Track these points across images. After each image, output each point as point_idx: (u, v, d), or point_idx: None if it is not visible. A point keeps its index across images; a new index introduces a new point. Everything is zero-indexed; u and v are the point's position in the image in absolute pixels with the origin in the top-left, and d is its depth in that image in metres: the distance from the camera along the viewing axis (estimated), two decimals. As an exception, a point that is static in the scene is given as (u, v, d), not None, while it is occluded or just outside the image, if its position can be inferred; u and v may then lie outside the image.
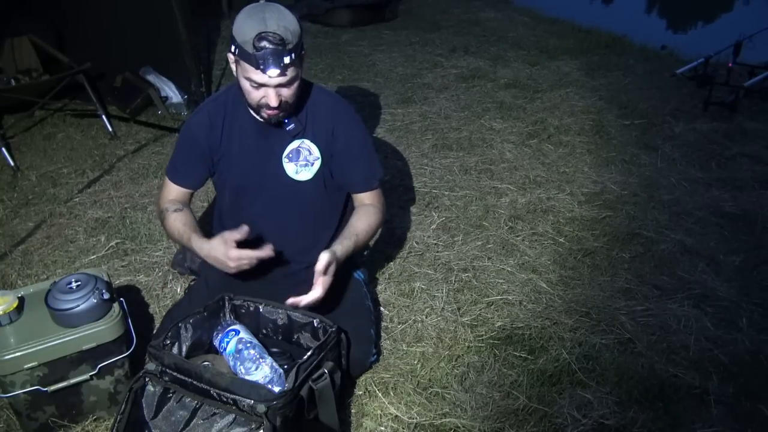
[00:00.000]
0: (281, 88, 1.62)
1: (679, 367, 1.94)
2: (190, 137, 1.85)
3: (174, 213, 1.82)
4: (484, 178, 3.12)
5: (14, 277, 2.38)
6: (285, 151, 1.81)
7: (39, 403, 1.64)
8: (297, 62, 1.61)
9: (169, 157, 3.23)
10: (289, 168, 1.82)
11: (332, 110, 1.83)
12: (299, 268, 1.92)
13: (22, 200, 2.93)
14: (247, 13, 1.60)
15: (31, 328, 1.63)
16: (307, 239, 1.92)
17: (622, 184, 3.03)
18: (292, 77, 1.61)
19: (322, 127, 1.81)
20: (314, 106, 1.82)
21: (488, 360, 1.98)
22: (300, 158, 1.82)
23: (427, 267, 2.44)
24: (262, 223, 1.86)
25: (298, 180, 1.83)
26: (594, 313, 2.17)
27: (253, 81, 1.60)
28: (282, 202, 1.86)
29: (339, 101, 1.89)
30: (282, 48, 1.55)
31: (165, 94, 3.87)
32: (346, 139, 1.83)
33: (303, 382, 1.46)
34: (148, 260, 2.48)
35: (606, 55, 4.98)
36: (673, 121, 3.68)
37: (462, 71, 4.66)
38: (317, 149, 1.82)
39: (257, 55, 1.55)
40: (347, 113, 1.87)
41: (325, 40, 5.51)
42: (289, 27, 1.57)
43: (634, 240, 2.59)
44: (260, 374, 1.53)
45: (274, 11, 1.58)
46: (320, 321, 1.67)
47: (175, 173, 1.89)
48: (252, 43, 1.55)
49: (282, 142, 1.80)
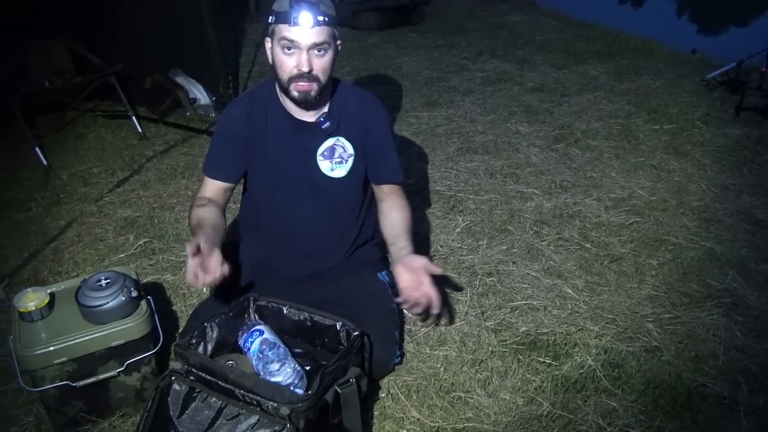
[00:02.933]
0: (313, 56, 1.64)
1: (707, 377, 1.90)
2: (227, 129, 1.85)
3: (197, 207, 1.80)
4: (509, 182, 3.10)
5: (45, 273, 2.43)
6: (320, 148, 1.82)
7: (68, 398, 1.67)
8: (330, 32, 1.65)
9: (196, 157, 3.33)
10: (324, 165, 1.84)
11: (363, 106, 1.86)
12: (326, 268, 1.94)
13: (54, 199, 2.99)
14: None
15: (62, 324, 1.66)
16: (337, 237, 1.94)
17: (650, 190, 2.99)
18: (324, 40, 1.63)
19: (355, 124, 1.83)
20: (345, 102, 1.83)
21: (512, 365, 1.97)
22: (335, 155, 1.83)
23: (451, 270, 2.44)
24: (294, 219, 1.88)
25: (333, 177, 1.85)
26: (620, 320, 2.14)
27: (287, 39, 1.62)
28: (316, 199, 1.88)
29: (367, 96, 1.92)
30: (317, 7, 1.60)
31: (193, 95, 3.92)
32: (378, 134, 1.86)
33: (328, 387, 1.47)
34: (175, 259, 2.52)
35: (635, 59, 4.92)
36: (704, 127, 3.62)
37: (488, 74, 4.65)
38: (351, 146, 1.84)
39: (292, 10, 1.59)
40: (377, 108, 1.90)
41: (351, 43, 5.53)
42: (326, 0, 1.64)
43: (663, 246, 2.55)
44: (283, 375, 1.54)
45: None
46: (343, 324, 1.68)
47: (211, 167, 1.86)
48: (289, 2, 1.59)
49: (316, 139, 1.82)
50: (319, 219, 1.91)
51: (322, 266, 1.94)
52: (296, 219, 1.90)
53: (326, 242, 1.94)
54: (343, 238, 1.96)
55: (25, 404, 1.83)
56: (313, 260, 1.95)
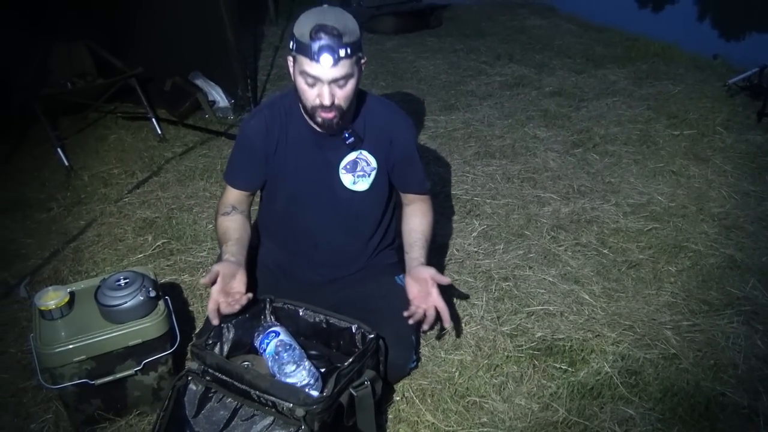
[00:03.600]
0: (335, 88, 1.60)
1: (726, 386, 1.87)
2: (246, 141, 1.85)
3: (222, 216, 1.85)
4: (526, 187, 3.08)
5: (66, 273, 2.46)
6: (342, 162, 1.80)
7: (86, 396, 1.69)
8: (353, 61, 1.60)
9: (215, 159, 3.36)
10: (346, 179, 1.82)
11: (389, 120, 1.83)
12: (346, 274, 1.94)
13: (75, 199, 3.03)
14: (307, 12, 1.61)
15: (81, 322, 1.68)
16: (358, 247, 1.93)
17: (669, 196, 2.96)
18: (346, 73, 1.59)
19: (380, 138, 1.81)
20: (370, 115, 1.80)
21: (527, 370, 1.96)
22: (357, 169, 1.81)
23: (467, 275, 2.43)
24: (314, 232, 1.88)
25: (355, 190, 1.83)
26: (638, 327, 2.12)
27: (308, 74, 1.59)
28: (337, 212, 1.86)
29: (393, 109, 1.89)
30: (338, 40, 1.54)
31: (212, 98, 3.95)
32: (403, 146, 1.85)
33: (343, 389, 1.47)
34: (192, 260, 2.54)
35: (654, 64, 4.88)
36: (725, 132, 3.58)
37: (506, 79, 4.63)
38: (374, 159, 1.82)
39: (312, 44, 1.54)
40: (403, 121, 1.88)
41: (369, 46, 5.54)
42: (348, 24, 1.58)
43: (682, 253, 2.53)
44: (298, 377, 1.55)
45: (335, 11, 1.60)
46: (358, 327, 1.68)
47: (232, 176, 1.89)
48: (309, 34, 1.54)
49: (339, 153, 1.80)
50: (340, 231, 1.90)
51: (341, 273, 1.94)
52: (316, 230, 1.89)
53: (346, 252, 1.93)
54: (363, 247, 1.95)
55: (44, 401, 1.85)
56: (332, 268, 1.95)
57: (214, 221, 1.89)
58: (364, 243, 1.94)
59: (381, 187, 1.87)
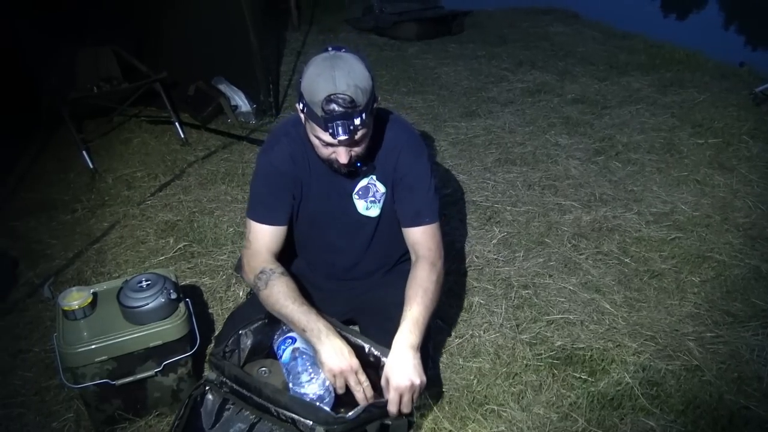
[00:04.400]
0: (352, 146, 1.55)
1: (750, 399, 1.84)
2: (274, 171, 1.73)
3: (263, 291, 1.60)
4: (547, 194, 3.06)
5: (89, 274, 2.50)
6: (355, 188, 1.79)
7: (107, 396, 1.71)
8: (368, 121, 1.52)
9: (236, 164, 3.39)
10: (360, 204, 1.80)
11: (395, 145, 1.74)
12: (363, 285, 1.94)
13: (99, 201, 3.08)
14: (316, 69, 1.48)
15: (103, 323, 1.70)
16: (378, 262, 1.92)
17: (693, 205, 2.92)
18: (362, 136, 1.53)
19: (386, 163, 1.75)
20: (379, 140, 1.74)
21: (547, 379, 1.94)
22: (369, 195, 1.80)
23: (487, 282, 2.42)
24: (334, 251, 1.88)
25: (369, 216, 1.82)
26: (660, 338, 2.10)
27: (321, 139, 1.53)
28: (354, 236, 1.84)
29: (401, 134, 1.77)
30: (352, 110, 1.45)
31: (235, 103, 3.99)
32: (404, 171, 1.74)
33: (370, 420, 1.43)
34: (213, 263, 2.56)
35: (679, 72, 4.82)
36: (751, 141, 3.53)
37: (528, 85, 4.61)
38: (383, 186, 1.80)
39: (326, 118, 1.45)
40: (412, 147, 1.76)
41: (391, 52, 5.56)
42: (360, 85, 1.47)
43: (705, 263, 2.49)
44: (312, 388, 1.53)
45: (344, 67, 1.47)
46: (370, 349, 1.57)
47: (263, 212, 1.71)
48: (321, 105, 1.45)
49: (352, 180, 1.76)
50: (358, 250, 1.88)
51: (359, 285, 1.94)
52: (335, 250, 1.89)
53: (364, 267, 1.93)
54: (381, 264, 1.95)
55: (65, 400, 1.88)
56: (351, 281, 1.95)
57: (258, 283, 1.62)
58: (383, 260, 1.93)
59: (391, 214, 1.81)
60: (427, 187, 1.73)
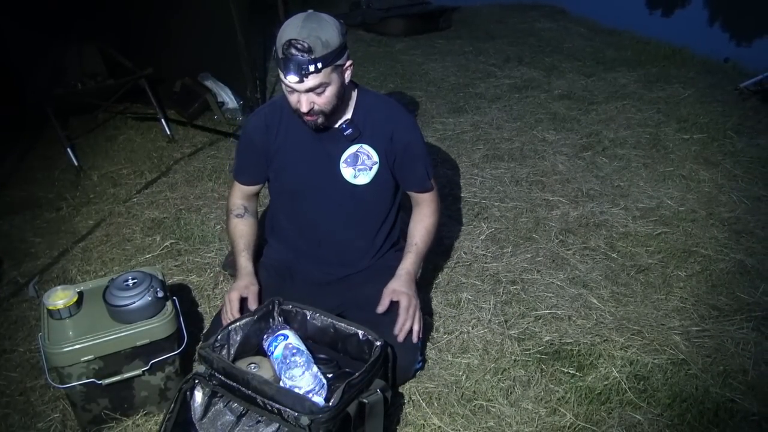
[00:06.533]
0: (313, 95, 1.65)
1: (735, 392, 1.86)
2: (247, 140, 1.94)
3: (235, 218, 1.98)
4: (535, 190, 3.07)
5: (74, 272, 2.47)
6: (343, 155, 1.83)
7: (93, 396, 1.70)
8: (328, 71, 1.62)
9: (223, 160, 3.37)
10: (347, 172, 1.84)
11: (389, 114, 1.87)
12: (351, 273, 1.94)
13: (84, 199, 3.05)
14: (290, 20, 1.64)
15: (89, 322, 1.68)
16: (362, 244, 1.94)
17: (679, 200, 2.94)
18: (320, 83, 1.62)
19: (381, 132, 1.84)
20: (368, 110, 1.83)
21: (535, 375, 1.95)
22: (358, 162, 1.84)
23: (475, 278, 2.42)
24: (318, 227, 1.89)
25: (356, 184, 1.85)
26: (646, 332, 2.11)
27: (284, 83, 1.65)
28: (339, 206, 1.88)
29: (392, 104, 1.93)
30: (306, 56, 1.58)
31: (221, 99, 3.96)
32: (405, 142, 1.86)
33: (351, 399, 1.45)
34: (200, 261, 2.54)
35: (665, 67, 4.85)
36: (736, 137, 3.56)
37: (515, 81, 4.62)
38: (375, 153, 1.84)
39: (283, 60, 1.60)
40: (404, 117, 1.91)
41: (378, 48, 5.55)
42: (322, 37, 1.59)
43: (691, 258, 2.51)
44: (304, 382, 1.54)
45: (313, 21, 1.61)
46: (365, 334, 1.65)
47: (237, 172, 2.00)
48: (282, 48, 1.60)
49: (339, 146, 1.82)
50: (344, 225, 1.91)
51: (347, 271, 1.95)
52: (320, 226, 1.91)
53: (351, 249, 1.94)
54: (368, 245, 1.96)
55: (51, 400, 1.86)
56: (338, 266, 1.96)
57: (226, 219, 2.02)
58: (368, 239, 1.95)
59: (383, 182, 1.88)
60: (425, 152, 1.94)
